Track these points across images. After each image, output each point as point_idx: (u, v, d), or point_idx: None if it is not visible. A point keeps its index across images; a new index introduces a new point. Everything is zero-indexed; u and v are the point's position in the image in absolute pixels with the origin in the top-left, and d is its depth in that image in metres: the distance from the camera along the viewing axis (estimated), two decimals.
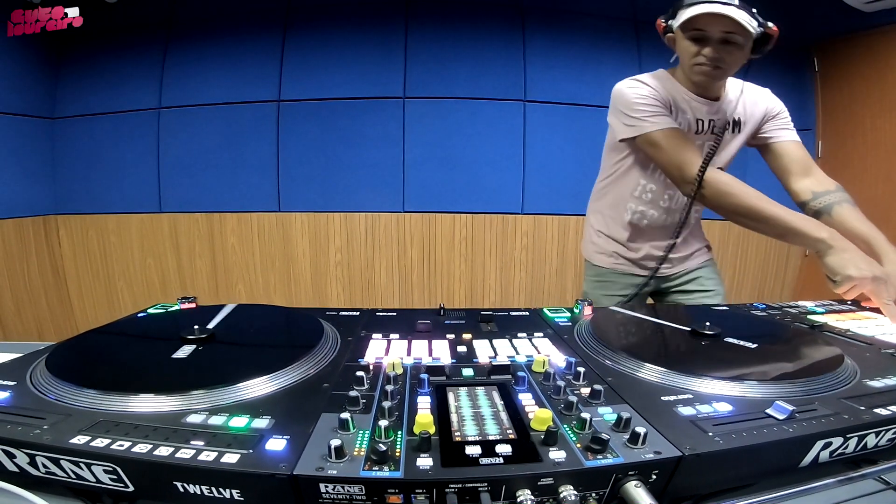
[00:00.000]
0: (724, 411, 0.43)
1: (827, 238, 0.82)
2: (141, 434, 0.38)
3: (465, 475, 0.34)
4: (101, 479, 0.36)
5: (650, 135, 0.96)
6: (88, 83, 2.39)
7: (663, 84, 1.00)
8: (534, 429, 0.39)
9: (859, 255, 0.80)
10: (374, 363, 0.55)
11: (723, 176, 0.94)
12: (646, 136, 0.97)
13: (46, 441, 0.37)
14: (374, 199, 2.40)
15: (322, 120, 2.34)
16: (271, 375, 0.49)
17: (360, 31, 2.31)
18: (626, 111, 0.99)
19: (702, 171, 0.91)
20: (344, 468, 0.34)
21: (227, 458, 0.35)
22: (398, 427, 0.40)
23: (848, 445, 0.42)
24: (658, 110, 0.96)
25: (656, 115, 0.96)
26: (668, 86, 1.00)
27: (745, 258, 2.63)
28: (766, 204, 0.89)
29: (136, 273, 2.53)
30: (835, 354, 0.56)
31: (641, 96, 0.97)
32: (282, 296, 2.48)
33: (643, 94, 0.97)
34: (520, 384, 0.48)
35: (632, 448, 0.37)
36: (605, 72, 2.39)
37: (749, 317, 0.79)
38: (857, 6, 2.14)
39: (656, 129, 0.95)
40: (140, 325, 0.71)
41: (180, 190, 2.42)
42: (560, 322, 0.73)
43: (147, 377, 0.51)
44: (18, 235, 2.27)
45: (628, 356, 0.55)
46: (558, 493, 0.34)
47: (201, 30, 2.35)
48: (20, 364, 0.53)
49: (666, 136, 0.95)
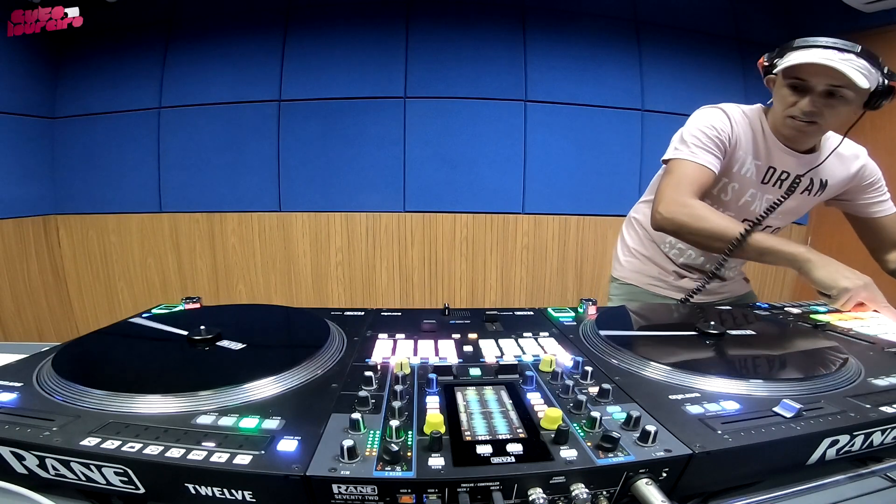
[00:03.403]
0: (732, 410, 0.44)
1: (806, 253, 0.80)
2: (151, 435, 0.38)
3: (477, 474, 0.34)
4: (112, 482, 0.36)
5: (677, 162, 0.89)
6: (88, 83, 2.38)
7: (750, 120, 0.90)
8: (544, 428, 0.39)
9: (842, 266, 0.79)
10: (381, 363, 0.55)
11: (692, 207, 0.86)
12: (673, 161, 0.90)
13: (57, 443, 0.37)
14: (374, 199, 2.40)
15: (323, 120, 2.33)
16: (279, 376, 0.49)
17: (361, 30, 2.31)
18: (684, 132, 0.91)
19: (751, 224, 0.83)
20: (356, 469, 0.34)
21: (239, 459, 0.35)
22: (409, 427, 0.40)
23: (854, 443, 0.42)
24: (709, 147, 0.87)
25: (703, 150, 0.88)
26: (756, 126, 0.91)
27: None
28: (738, 226, 0.83)
29: (136, 273, 2.52)
30: (839, 353, 0.56)
31: (710, 126, 0.88)
32: (282, 296, 2.48)
33: (713, 125, 0.88)
34: (528, 383, 0.48)
35: (642, 446, 0.37)
36: (606, 72, 2.40)
37: (753, 316, 0.79)
38: (857, 6, 2.15)
39: (687, 160, 0.88)
40: (147, 324, 0.71)
41: (180, 190, 2.42)
42: (565, 321, 0.73)
43: (155, 378, 0.51)
44: (18, 235, 2.26)
45: (634, 355, 0.55)
46: (570, 492, 0.34)
47: (201, 30, 2.34)
48: (25, 365, 0.53)
49: (688, 168, 0.88)
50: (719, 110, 0.92)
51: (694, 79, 2.44)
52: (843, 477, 0.42)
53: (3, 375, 0.50)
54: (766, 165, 0.92)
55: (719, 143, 0.89)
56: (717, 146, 0.89)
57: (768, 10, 2.51)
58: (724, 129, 0.89)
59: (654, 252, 1.10)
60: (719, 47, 2.47)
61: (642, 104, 2.40)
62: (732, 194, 0.95)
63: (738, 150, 0.91)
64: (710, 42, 2.46)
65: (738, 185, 0.95)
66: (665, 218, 0.88)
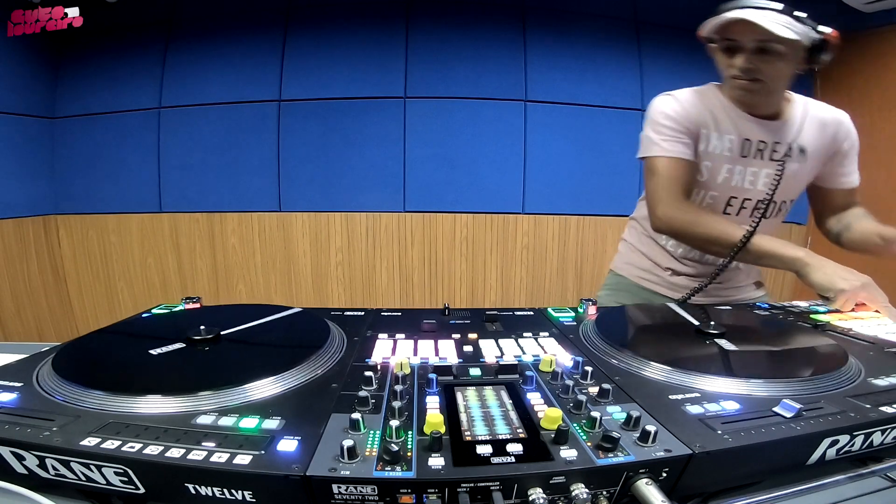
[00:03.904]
0: (731, 410, 0.43)
1: (804, 256, 0.81)
2: (151, 435, 0.38)
3: (477, 474, 0.34)
4: (112, 482, 0.36)
5: (653, 160, 0.90)
6: (88, 83, 2.38)
7: (705, 100, 0.91)
8: (544, 428, 0.39)
9: (840, 267, 0.79)
10: (381, 363, 0.55)
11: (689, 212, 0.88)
12: (649, 160, 0.91)
13: (57, 443, 0.37)
14: (374, 199, 2.40)
15: (323, 120, 2.34)
16: (279, 376, 0.49)
17: (360, 30, 2.31)
18: (648, 126, 0.93)
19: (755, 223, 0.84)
20: (357, 469, 0.34)
21: (239, 459, 0.35)
22: (409, 427, 0.40)
23: (854, 443, 0.42)
24: (675, 135, 0.89)
25: (670, 140, 0.89)
26: (711, 102, 0.92)
27: None
28: (737, 230, 0.84)
29: (136, 273, 2.52)
30: (839, 353, 0.56)
31: (666, 116, 0.90)
32: (283, 296, 2.48)
33: (667, 114, 0.90)
34: (528, 383, 0.48)
35: (642, 446, 0.37)
36: (606, 72, 2.40)
37: (753, 316, 0.79)
38: (857, 6, 2.15)
39: (661, 156, 0.89)
40: (147, 325, 0.71)
41: (180, 190, 2.42)
42: (565, 321, 0.73)
43: (155, 378, 0.51)
44: (18, 235, 2.26)
45: (634, 355, 0.55)
46: (570, 492, 0.34)
47: (201, 30, 2.34)
48: (25, 365, 0.53)
49: (666, 165, 0.89)
50: (669, 97, 0.93)
51: (694, 79, 2.40)
52: (843, 477, 0.42)
53: (3, 375, 0.50)
54: (739, 138, 0.91)
55: (682, 129, 0.90)
56: (682, 132, 0.90)
57: None
58: (680, 113, 0.90)
59: (650, 247, 1.10)
60: None
61: (642, 104, 2.40)
62: (708, 173, 0.93)
63: (700, 128, 0.91)
64: None
65: (710, 162, 0.93)
66: (664, 223, 0.90)
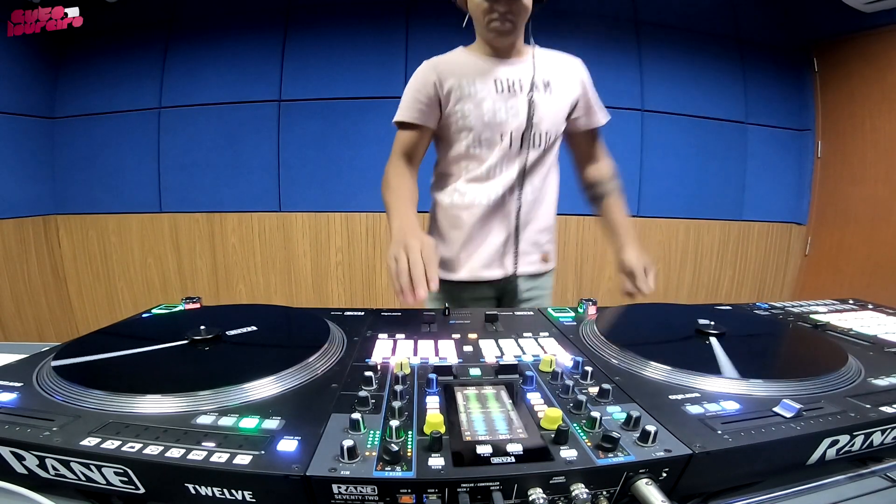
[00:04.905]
0: (731, 410, 0.44)
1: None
2: (151, 435, 0.38)
3: (477, 474, 0.34)
4: (112, 482, 0.36)
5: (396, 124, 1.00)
6: (88, 83, 2.38)
7: (449, 59, 0.99)
8: (544, 428, 0.39)
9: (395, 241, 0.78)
10: (381, 363, 0.55)
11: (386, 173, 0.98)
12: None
13: (57, 443, 0.37)
14: (375, 199, 2.38)
15: (323, 119, 2.33)
16: (279, 376, 0.49)
17: (360, 30, 2.31)
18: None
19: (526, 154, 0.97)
20: (356, 469, 0.34)
21: (239, 459, 0.35)
22: (409, 427, 0.40)
23: (854, 443, 0.42)
24: (407, 103, 0.97)
25: (406, 109, 0.97)
26: (455, 58, 0.99)
27: (745, 258, 2.64)
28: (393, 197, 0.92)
29: (136, 273, 2.52)
30: (839, 353, 0.56)
31: (411, 87, 0.98)
32: (282, 296, 2.48)
33: (410, 84, 0.98)
34: (528, 384, 0.48)
35: (642, 446, 0.37)
36: (606, 72, 2.39)
37: (752, 316, 0.79)
38: (857, 6, 2.15)
39: (396, 121, 0.99)
40: (148, 325, 0.71)
41: (180, 190, 2.42)
42: (564, 322, 0.73)
43: (155, 378, 0.51)
44: (18, 235, 2.26)
45: (634, 355, 0.55)
46: (570, 492, 0.34)
47: (201, 30, 2.34)
48: (25, 365, 0.53)
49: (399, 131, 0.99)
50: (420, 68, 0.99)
51: (694, 79, 2.44)
52: (843, 477, 0.42)
53: (3, 375, 0.50)
54: (490, 79, 0.97)
55: (421, 96, 0.96)
56: (420, 99, 0.96)
57: (768, 10, 2.51)
58: (423, 79, 0.96)
59: None
60: (719, 47, 2.46)
61: (642, 104, 2.40)
62: (472, 114, 0.97)
63: (448, 81, 0.96)
64: (710, 42, 2.46)
65: (470, 105, 0.97)
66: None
